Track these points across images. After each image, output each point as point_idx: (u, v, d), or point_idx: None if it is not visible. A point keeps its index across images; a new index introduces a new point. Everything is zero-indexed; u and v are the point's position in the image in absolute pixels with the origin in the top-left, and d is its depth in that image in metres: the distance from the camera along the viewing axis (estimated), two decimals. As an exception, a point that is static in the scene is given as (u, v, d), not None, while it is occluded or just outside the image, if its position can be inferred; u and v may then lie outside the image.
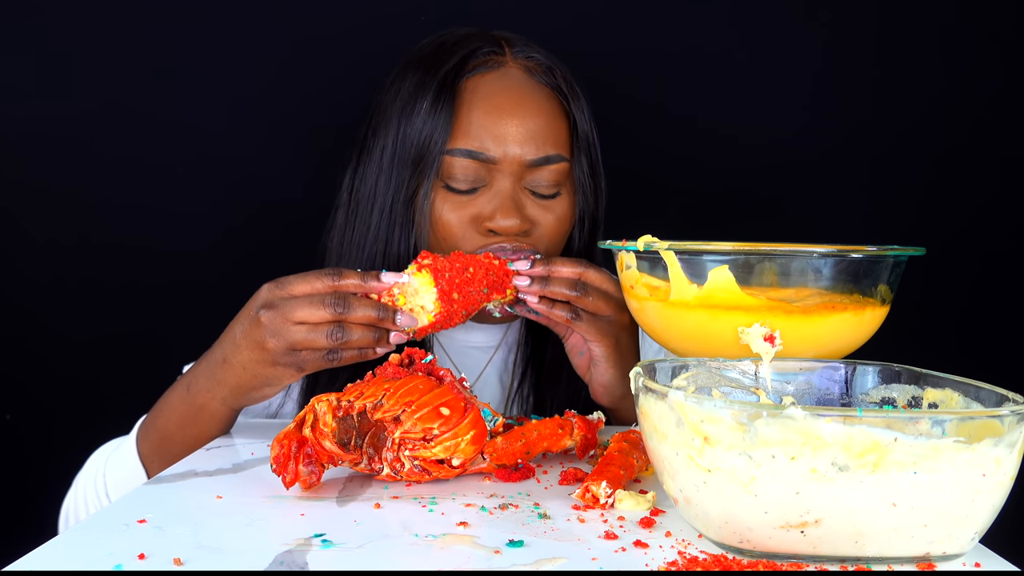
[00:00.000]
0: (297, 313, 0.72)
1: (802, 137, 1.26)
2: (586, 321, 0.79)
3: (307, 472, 0.62)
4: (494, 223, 0.85)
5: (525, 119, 0.86)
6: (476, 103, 0.86)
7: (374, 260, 0.88)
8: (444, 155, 0.85)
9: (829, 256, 0.64)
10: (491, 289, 0.78)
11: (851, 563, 0.49)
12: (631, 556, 0.51)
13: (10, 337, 1.23)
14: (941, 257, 0.93)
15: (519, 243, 0.86)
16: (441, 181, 0.86)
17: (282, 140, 1.23)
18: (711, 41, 1.25)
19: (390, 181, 0.87)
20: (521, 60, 0.89)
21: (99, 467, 0.86)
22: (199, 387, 0.79)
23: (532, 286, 0.78)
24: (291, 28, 1.22)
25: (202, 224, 1.24)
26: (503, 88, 0.87)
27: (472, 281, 0.77)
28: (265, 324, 0.73)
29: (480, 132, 0.85)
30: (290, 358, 0.74)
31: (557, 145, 0.87)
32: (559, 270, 0.79)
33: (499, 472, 0.66)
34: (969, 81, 1.25)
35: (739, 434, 0.47)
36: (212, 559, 0.49)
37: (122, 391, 1.00)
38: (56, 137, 1.21)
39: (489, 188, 0.86)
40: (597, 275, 0.79)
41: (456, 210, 0.86)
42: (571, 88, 0.90)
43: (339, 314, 0.72)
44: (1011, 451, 0.48)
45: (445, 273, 0.76)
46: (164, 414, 0.82)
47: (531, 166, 0.86)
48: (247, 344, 0.75)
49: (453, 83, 0.86)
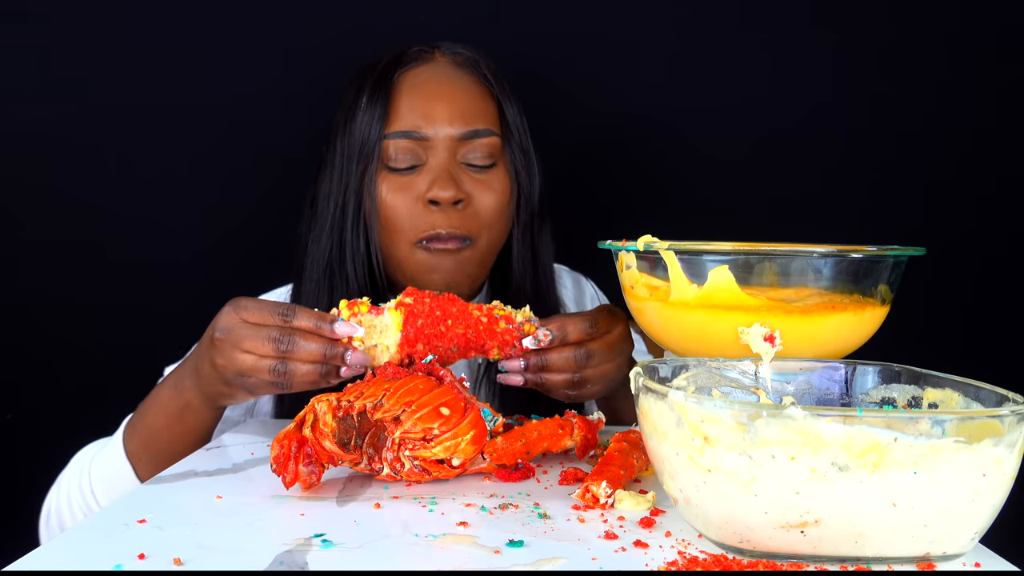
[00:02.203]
0: (243, 343, 0.72)
1: (802, 137, 1.26)
2: (598, 385, 0.78)
3: (307, 472, 0.62)
4: (431, 193, 0.89)
5: (453, 99, 0.92)
6: (408, 91, 0.93)
7: (331, 252, 0.92)
8: (383, 140, 0.91)
9: (829, 256, 0.64)
10: (465, 348, 0.73)
11: (851, 563, 0.49)
12: (631, 556, 0.51)
13: (10, 337, 1.23)
14: (941, 257, 0.93)
15: (453, 228, 0.89)
16: (383, 165, 0.92)
17: (278, 145, 1.23)
18: (712, 41, 1.25)
19: (342, 177, 0.93)
20: (449, 55, 0.97)
21: (84, 466, 0.86)
22: (183, 387, 0.80)
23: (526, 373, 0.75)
24: (287, 33, 1.23)
25: (196, 230, 1.24)
26: (432, 76, 0.94)
27: (443, 336, 0.72)
28: (217, 346, 0.73)
29: (412, 114, 0.91)
30: (239, 381, 0.74)
31: (486, 121, 0.93)
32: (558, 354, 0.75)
33: (499, 472, 0.66)
34: (970, 81, 1.25)
35: (739, 434, 0.47)
36: (212, 559, 0.49)
37: (120, 390, 1.00)
38: (54, 140, 1.21)
39: (426, 165, 0.91)
40: (600, 357, 0.76)
41: (398, 190, 0.91)
42: (496, 76, 0.97)
43: (282, 352, 0.71)
44: (1011, 451, 0.48)
45: (418, 320, 0.72)
46: (151, 411, 0.83)
47: (463, 139, 0.91)
48: (206, 359, 0.75)
49: (387, 78, 0.93)
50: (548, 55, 1.24)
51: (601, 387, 0.78)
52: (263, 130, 1.23)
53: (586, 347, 0.75)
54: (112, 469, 0.84)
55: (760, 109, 1.26)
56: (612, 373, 0.77)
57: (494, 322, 0.73)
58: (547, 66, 1.24)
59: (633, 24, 1.25)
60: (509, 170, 0.95)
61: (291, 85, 1.23)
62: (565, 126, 1.24)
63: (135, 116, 1.22)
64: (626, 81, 1.26)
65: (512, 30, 1.23)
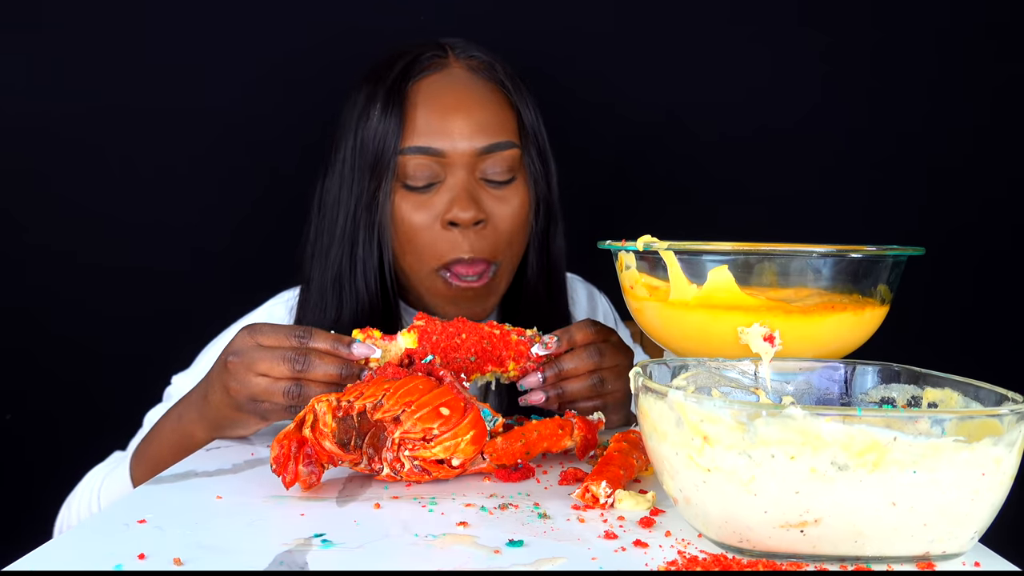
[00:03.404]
0: (259, 365, 0.72)
1: (801, 137, 1.26)
2: (610, 407, 0.78)
3: (307, 472, 0.62)
4: (451, 215, 0.87)
5: (471, 112, 0.89)
6: (423, 103, 0.89)
7: (341, 263, 0.90)
8: (398, 155, 0.88)
9: (829, 256, 0.65)
10: (482, 358, 0.74)
11: (851, 563, 0.49)
12: (631, 556, 0.51)
13: (10, 337, 1.23)
14: (940, 257, 0.93)
15: (476, 253, 0.87)
16: (399, 182, 0.89)
17: (278, 148, 1.23)
18: (710, 41, 1.25)
19: (352, 188, 0.90)
20: (463, 60, 0.93)
21: (94, 489, 0.87)
22: (188, 417, 0.80)
23: (545, 386, 0.76)
24: (286, 33, 1.23)
25: (198, 231, 1.24)
26: (447, 87, 0.90)
27: (460, 348, 0.74)
28: (231, 370, 0.73)
29: (429, 129, 0.88)
30: (252, 406, 0.73)
31: (505, 132, 0.90)
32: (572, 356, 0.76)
33: (499, 472, 0.66)
34: (968, 81, 1.25)
35: (739, 434, 0.47)
36: (212, 559, 0.49)
37: (122, 392, 1.01)
38: (55, 140, 1.21)
39: (444, 183, 0.89)
40: (612, 355, 0.77)
41: (415, 209, 0.89)
42: (513, 80, 0.93)
43: (298, 372, 0.71)
44: (1010, 450, 0.48)
45: (432, 336, 0.73)
46: (157, 440, 0.83)
47: (482, 154, 0.89)
48: (218, 386, 0.75)
49: (401, 88, 0.89)
50: (549, 51, 1.24)
51: (622, 387, 0.77)
52: (263, 130, 1.23)
53: (596, 345, 0.76)
54: (120, 495, 0.84)
55: (760, 109, 1.26)
56: (628, 371, 0.77)
57: (506, 334, 0.75)
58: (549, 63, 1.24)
59: (636, 26, 1.25)
60: (528, 180, 0.93)
61: (291, 83, 1.23)
62: (565, 125, 1.24)
63: (137, 119, 1.22)
64: (627, 82, 1.26)
65: (511, 26, 1.23)
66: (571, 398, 0.77)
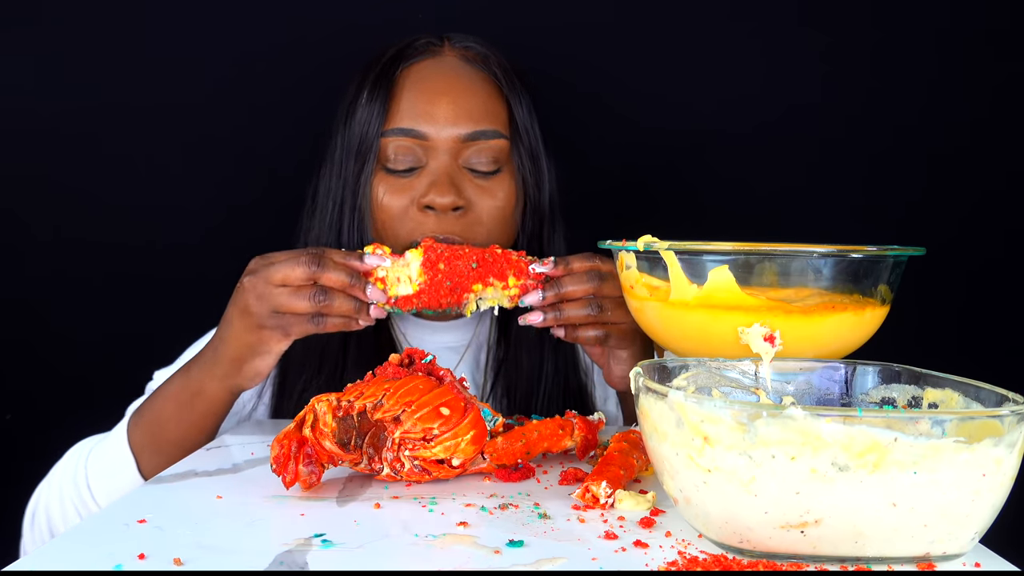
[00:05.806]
0: (276, 275, 0.74)
1: (800, 137, 1.26)
2: (614, 338, 0.79)
3: (307, 472, 0.62)
4: (428, 199, 0.86)
5: (458, 98, 0.88)
6: (410, 87, 0.89)
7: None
8: (380, 138, 0.88)
9: (829, 256, 0.65)
10: (483, 267, 0.78)
11: (851, 563, 0.49)
12: (631, 556, 0.51)
13: (10, 337, 1.23)
14: (941, 257, 0.93)
15: (446, 233, 0.86)
16: (380, 165, 0.88)
17: (278, 138, 1.23)
18: (708, 41, 1.25)
19: (340, 174, 0.90)
20: (458, 49, 0.92)
21: (80, 459, 0.84)
22: (198, 370, 0.80)
23: (544, 306, 0.78)
24: (287, 27, 1.22)
25: (199, 220, 1.24)
26: (437, 72, 0.90)
27: (463, 256, 0.78)
28: (248, 288, 0.75)
29: (413, 111, 0.87)
30: (275, 320, 0.75)
31: (492, 121, 0.89)
32: (571, 277, 0.78)
33: (499, 472, 0.66)
34: (966, 81, 1.25)
35: (739, 434, 0.47)
36: (212, 559, 0.49)
37: (123, 392, 1.00)
38: (53, 135, 1.21)
39: (426, 167, 0.88)
40: (612, 285, 0.78)
41: (395, 192, 0.88)
42: (507, 74, 0.92)
43: (313, 272, 0.74)
44: (1011, 451, 0.48)
45: (438, 249, 0.78)
46: (160, 401, 0.83)
47: (466, 140, 0.87)
48: (235, 312, 0.76)
49: (390, 72, 0.89)
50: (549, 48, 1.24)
51: (625, 318, 0.77)
52: (263, 129, 1.23)
53: (597, 271, 0.78)
54: (112, 462, 0.83)
55: (760, 108, 1.25)
56: (631, 320, 0.77)
57: (507, 253, 0.80)
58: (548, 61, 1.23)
59: (637, 28, 1.25)
60: (515, 176, 0.90)
61: (291, 82, 1.23)
62: (564, 125, 1.24)
63: (138, 115, 1.21)
64: (628, 82, 1.26)
65: (510, 22, 1.23)
66: (571, 322, 0.78)
